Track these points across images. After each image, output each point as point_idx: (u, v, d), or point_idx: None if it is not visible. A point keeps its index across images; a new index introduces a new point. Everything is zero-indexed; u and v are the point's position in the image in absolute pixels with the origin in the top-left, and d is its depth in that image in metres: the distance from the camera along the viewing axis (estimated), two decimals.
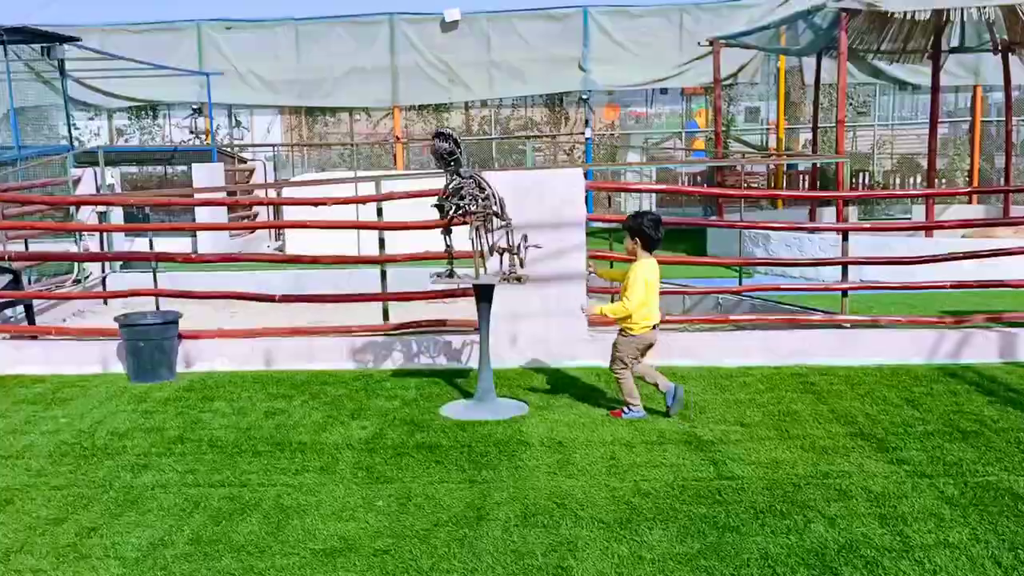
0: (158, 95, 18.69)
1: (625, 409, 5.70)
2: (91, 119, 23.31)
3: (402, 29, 18.13)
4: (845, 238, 7.10)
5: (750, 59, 17.53)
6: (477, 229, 5.69)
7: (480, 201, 5.58)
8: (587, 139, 18.46)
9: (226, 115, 23.26)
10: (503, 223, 5.78)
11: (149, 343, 6.57)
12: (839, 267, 7.22)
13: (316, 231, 8.57)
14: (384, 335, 7.20)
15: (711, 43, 13.88)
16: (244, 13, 18.32)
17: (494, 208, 5.66)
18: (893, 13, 10.53)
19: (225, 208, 14.92)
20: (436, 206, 5.65)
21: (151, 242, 8.13)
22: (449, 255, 5.95)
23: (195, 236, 14.65)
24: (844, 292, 7.15)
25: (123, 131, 22.95)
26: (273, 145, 20.29)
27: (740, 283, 8.22)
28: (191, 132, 18.48)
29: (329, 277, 11.06)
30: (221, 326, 8.99)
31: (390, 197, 7.06)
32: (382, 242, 7.28)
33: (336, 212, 7.92)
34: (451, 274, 5.90)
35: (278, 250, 15.79)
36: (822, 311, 7.42)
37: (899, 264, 7.31)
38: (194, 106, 18.30)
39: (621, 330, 5.68)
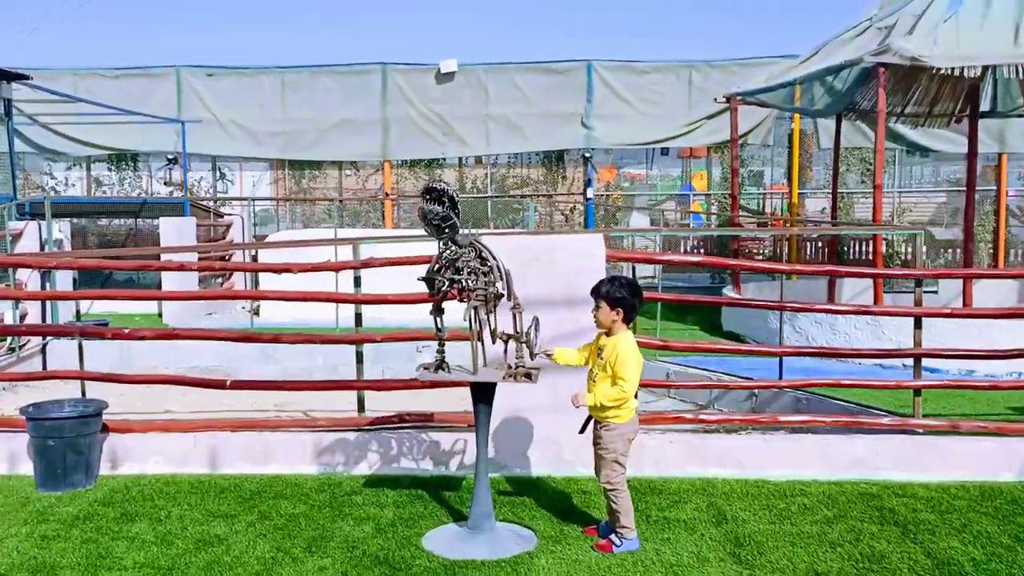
0: (131, 143, 17.51)
1: (615, 539, 4.49)
2: (69, 168, 22.13)
3: (395, 80, 17.10)
4: (918, 325, 5.88)
5: (761, 120, 16.57)
6: (475, 310, 4.45)
7: (481, 277, 4.35)
8: (588, 200, 17.37)
9: (210, 167, 22.16)
10: (510, 304, 4.54)
11: (61, 441, 5.25)
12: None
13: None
14: (357, 431, 5.90)
15: (728, 100, 12.87)
16: (227, 60, 17.26)
17: (498, 286, 4.42)
18: (938, 69, 9.50)
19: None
20: (424, 280, 4.42)
21: (77, 312, 6.84)
22: (439, 340, 4.71)
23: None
24: (917, 391, 5.90)
25: (102, 181, 21.77)
26: (252, 199, 19.13)
27: (781, 374, 6.98)
28: (165, 183, 17.28)
29: (303, 348, 9.79)
30: (169, 408, 7.69)
31: (369, 264, 5.82)
32: (359, 318, 6.03)
33: (308, 278, 6.74)
34: (441, 365, 4.64)
35: (253, 312, 14.52)
36: (886, 411, 6.17)
37: (980, 358, 6.09)
38: (169, 156, 17.14)
39: (600, 424, 4.54)
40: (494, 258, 4.43)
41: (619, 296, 4.43)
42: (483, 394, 4.58)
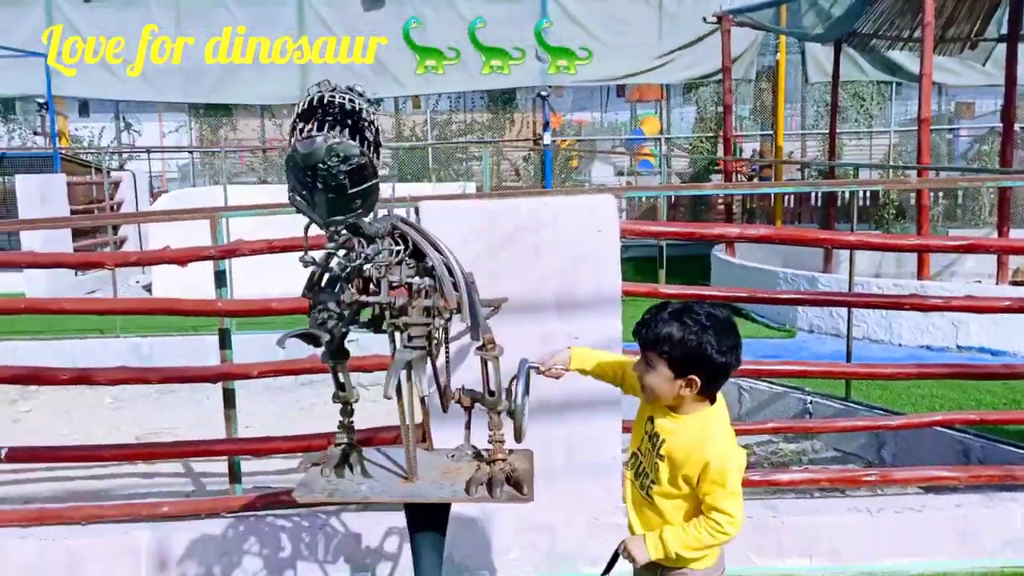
0: None
1: None
2: None
3: (313, 7, 14.42)
4: None
5: (744, 49, 14.37)
6: (409, 363, 2.19)
7: (418, 296, 2.11)
8: (545, 147, 15.04)
9: (112, 116, 19.27)
10: (475, 338, 2.31)
11: None
12: None
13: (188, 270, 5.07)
14: (227, 518, 3.65)
15: (719, 20, 10.66)
16: None
17: (449, 305, 2.18)
18: None
19: (69, 232, 11.12)
20: (305, 336, 2.15)
21: None
22: (344, 405, 2.45)
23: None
24: None
25: None
26: (148, 150, 16.37)
27: (848, 391, 4.90)
28: (35, 133, 14.48)
29: (184, 346, 7.46)
30: None
31: (235, 252, 3.51)
32: (224, 336, 3.71)
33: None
34: (347, 459, 2.40)
35: (145, 287, 12.07)
36: None
37: None
38: (40, 100, 14.29)
39: (668, 571, 2.26)
40: (442, 252, 2.17)
41: (693, 353, 2.12)
42: (428, 521, 2.35)
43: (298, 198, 1.87)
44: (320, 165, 1.80)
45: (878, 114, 15.85)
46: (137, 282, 12.62)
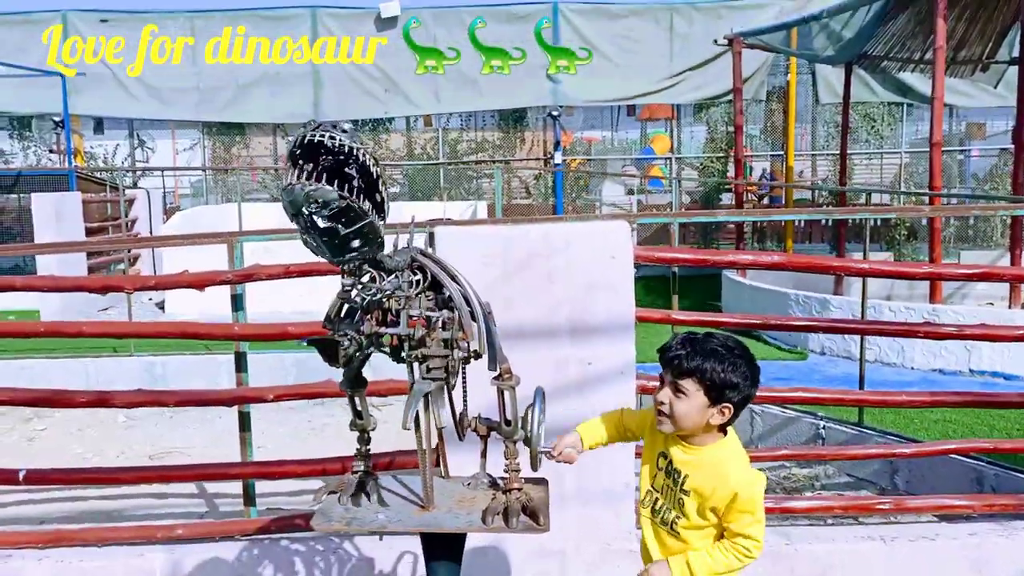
0: (5, 104, 14.74)
1: None
2: None
3: (326, 26, 14.59)
4: None
5: (755, 70, 14.44)
6: (428, 395, 2.20)
7: (438, 328, 2.13)
8: (556, 166, 15.10)
9: (127, 133, 19.46)
10: (492, 367, 2.33)
11: None
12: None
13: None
14: (241, 541, 3.67)
15: (730, 42, 10.71)
16: (124, 2, 14.58)
17: (468, 340, 2.20)
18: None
19: (84, 254, 11.22)
20: (317, 345, 2.17)
21: None
22: (361, 434, 2.47)
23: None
24: None
25: (2, 152, 18.93)
26: (162, 169, 16.51)
27: (861, 416, 4.89)
28: (51, 151, 14.64)
29: (198, 366, 7.49)
30: None
31: (252, 276, 3.55)
32: (240, 359, 3.74)
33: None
34: (364, 487, 2.42)
35: (158, 305, 12.15)
36: None
37: None
38: (55, 118, 14.46)
39: None
40: (459, 283, 2.20)
41: (731, 381, 2.17)
42: (444, 549, 2.37)
43: (307, 239, 1.90)
44: (303, 212, 1.82)
45: (889, 135, 15.87)
46: (150, 299, 12.70)
